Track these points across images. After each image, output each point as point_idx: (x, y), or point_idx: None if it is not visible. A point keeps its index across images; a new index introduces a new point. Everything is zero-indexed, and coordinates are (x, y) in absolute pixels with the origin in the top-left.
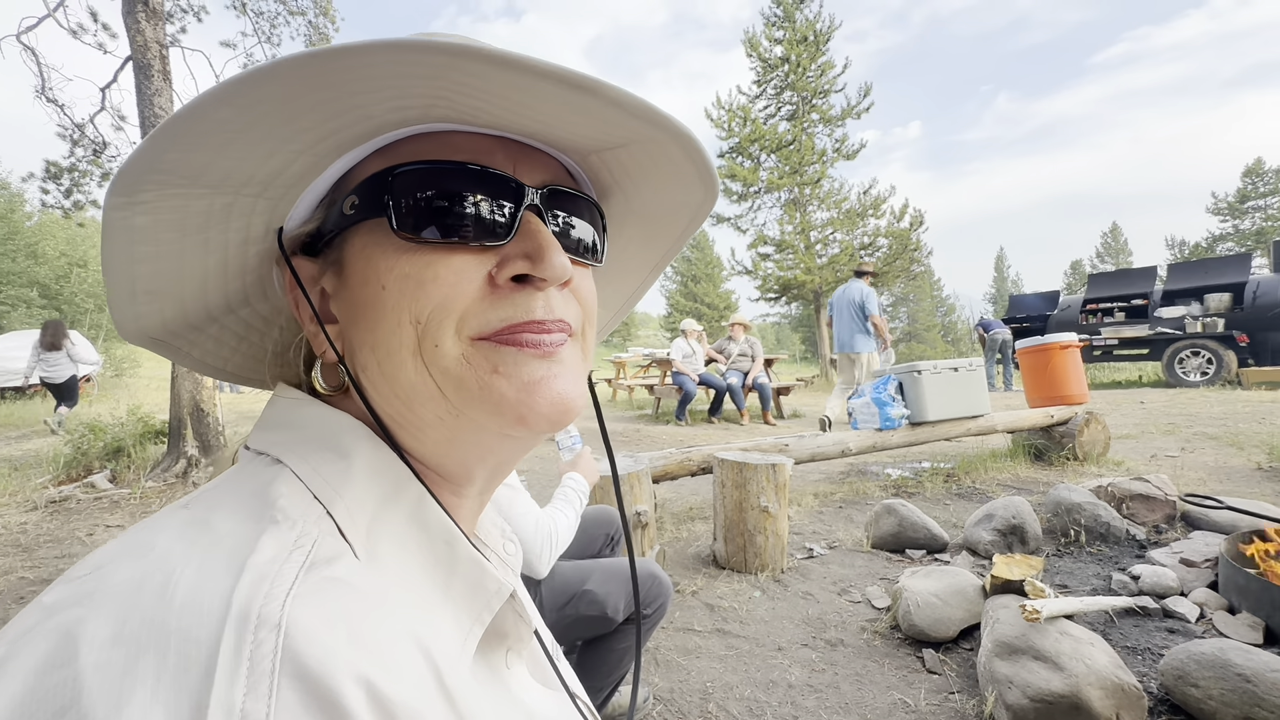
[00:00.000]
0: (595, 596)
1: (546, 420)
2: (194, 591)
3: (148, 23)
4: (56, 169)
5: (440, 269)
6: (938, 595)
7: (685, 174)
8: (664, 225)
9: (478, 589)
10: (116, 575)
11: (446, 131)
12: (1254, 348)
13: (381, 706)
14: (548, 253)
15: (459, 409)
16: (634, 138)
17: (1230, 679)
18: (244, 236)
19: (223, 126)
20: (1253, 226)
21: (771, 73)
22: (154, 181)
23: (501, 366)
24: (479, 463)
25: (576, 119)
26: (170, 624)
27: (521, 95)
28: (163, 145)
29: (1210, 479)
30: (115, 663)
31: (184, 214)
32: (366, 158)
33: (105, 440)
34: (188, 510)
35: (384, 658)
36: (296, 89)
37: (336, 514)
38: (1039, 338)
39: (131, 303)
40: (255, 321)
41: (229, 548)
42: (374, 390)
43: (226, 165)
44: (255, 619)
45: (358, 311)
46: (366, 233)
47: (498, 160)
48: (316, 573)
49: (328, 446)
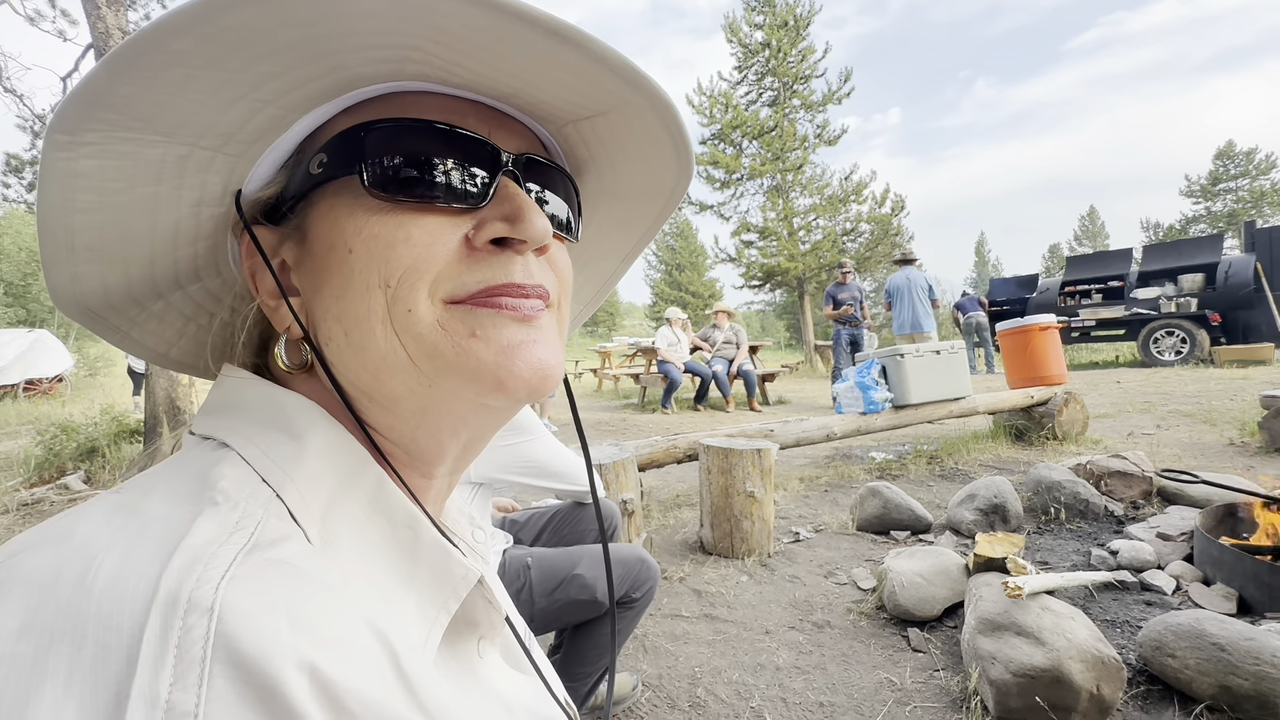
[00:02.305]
0: (585, 581)
1: (526, 385)
2: (116, 577)
3: (109, 9)
4: (18, 162)
5: (412, 229)
6: (922, 575)
7: (662, 147)
8: (639, 207)
9: (443, 575)
10: (30, 562)
11: (417, 92)
12: (1226, 326)
13: (327, 694)
14: (527, 214)
15: (432, 379)
16: (612, 103)
17: (1206, 648)
18: (198, 196)
19: (181, 60)
20: (1224, 208)
21: (752, 58)
22: (102, 120)
23: (479, 330)
24: (452, 437)
25: (555, 75)
26: (88, 612)
27: (501, 45)
28: (113, 76)
29: (1185, 455)
30: (23, 655)
31: (134, 162)
32: (334, 117)
33: (79, 440)
34: (119, 495)
35: (331, 642)
36: (265, 21)
37: (287, 497)
38: (1018, 319)
39: (70, 259)
40: (204, 300)
41: (160, 532)
42: (341, 364)
43: (184, 108)
44: (185, 603)
45: (321, 279)
46: (333, 194)
47: (473, 124)
48: (259, 554)
49: (278, 427)
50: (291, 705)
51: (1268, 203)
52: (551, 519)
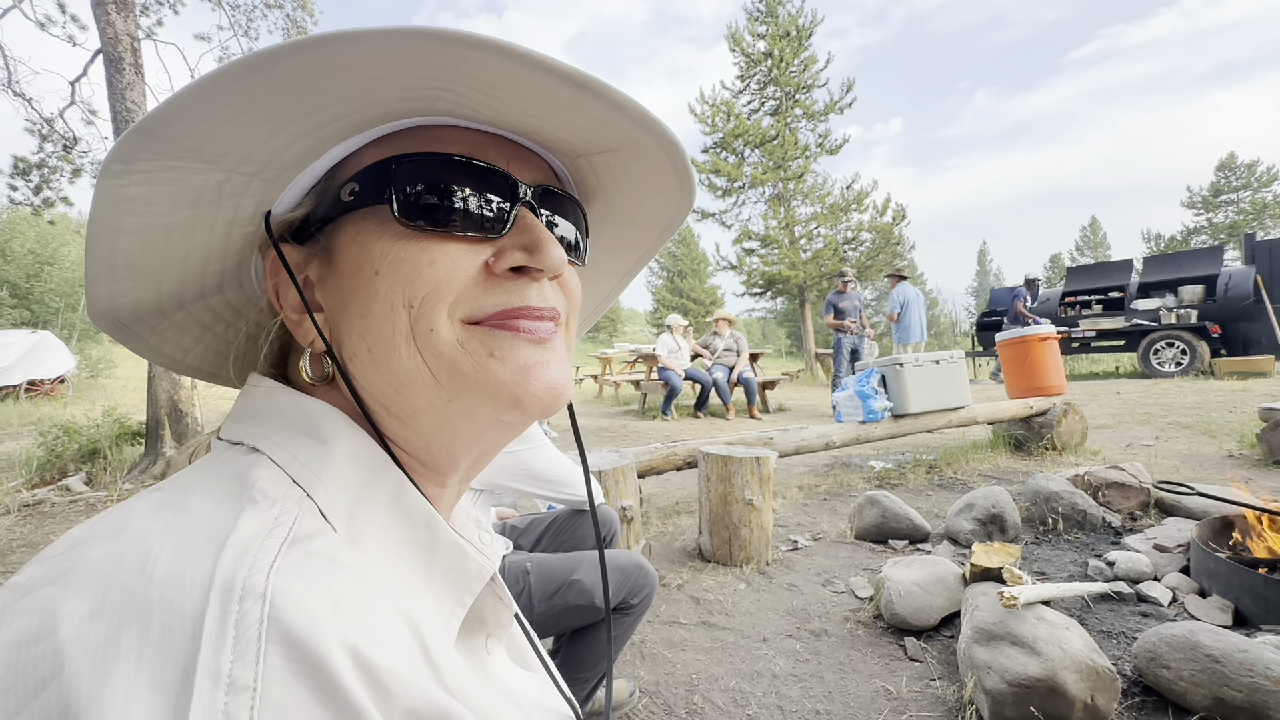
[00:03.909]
0: (584, 586)
1: (540, 403)
2: (175, 566)
3: (118, 15)
4: (25, 164)
5: (436, 254)
6: (919, 584)
7: (667, 180)
8: (640, 231)
9: (459, 572)
10: (92, 553)
11: (442, 126)
12: (1226, 338)
13: (368, 673)
14: (545, 245)
15: (451, 395)
16: (625, 142)
17: (1200, 660)
18: (231, 217)
19: (233, 101)
20: (1226, 220)
21: (755, 68)
22: (153, 150)
23: (497, 350)
24: (465, 450)
25: (576, 119)
26: (152, 597)
27: (529, 91)
28: (169, 117)
29: (1183, 466)
30: (96, 635)
31: (177, 187)
32: (363, 147)
33: (80, 442)
34: (161, 494)
35: (370, 626)
36: (313, 68)
37: (317, 497)
38: (1017, 330)
39: (110, 277)
40: (223, 310)
41: (208, 526)
42: (363, 378)
43: (229, 140)
44: (240, 589)
45: (347, 298)
46: (361, 220)
47: (493, 156)
48: (299, 547)
49: (305, 433)
50: (338, 681)
51: (1269, 215)
52: (551, 525)
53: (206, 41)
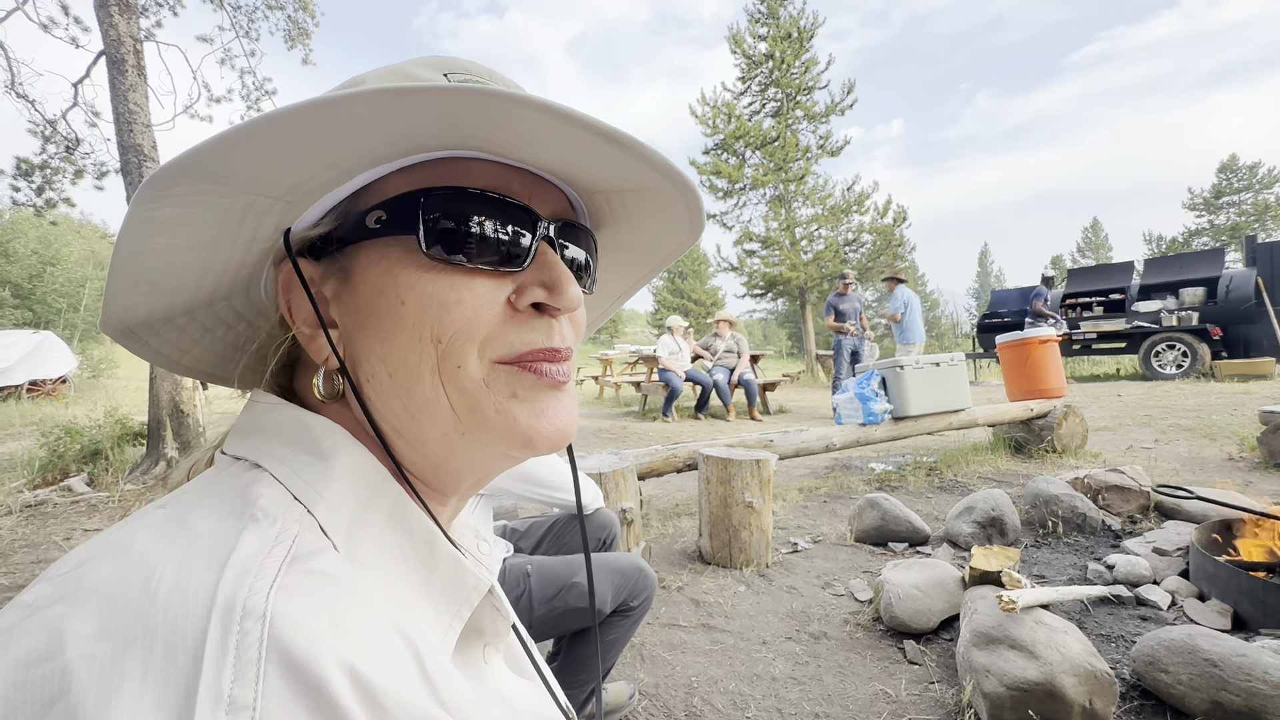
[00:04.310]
0: (584, 589)
1: (549, 443)
2: (178, 586)
3: (121, 17)
4: (28, 166)
5: (464, 292)
6: (918, 587)
7: (678, 217)
8: (643, 257)
9: (457, 585)
10: (98, 572)
11: (470, 159)
12: (1227, 341)
13: (366, 691)
14: (564, 284)
15: (468, 429)
16: (644, 185)
17: (1198, 664)
18: (252, 235)
19: (280, 139)
20: (1227, 221)
21: (756, 69)
22: (188, 176)
23: (520, 391)
24: (469, 475)
25: (601, 165)
26: (156, 617)
27: (563, 142)
28: (224, 150)
29: (1184, 469)
30: (103, 655)
31: (206, 210)
32: (388, 174)
33: (82, 443)
34: (164, 510)
35: (367, 645)
36: (365, 115)
37: (318, 513)
38: (1018, 332)
39: (130, 293)
40: (225, 314)
41: (210, 545)
42: (379, 400)
43: (261, 168)
44: (240, 610)
45: (366, 319)
46: (385, 246)
47: (517, 191)
48: (298, 566)
49: (307, 450)
50: (335, 701)
51: (1271, 216)
52: (551, 528)
53: (208, 43)
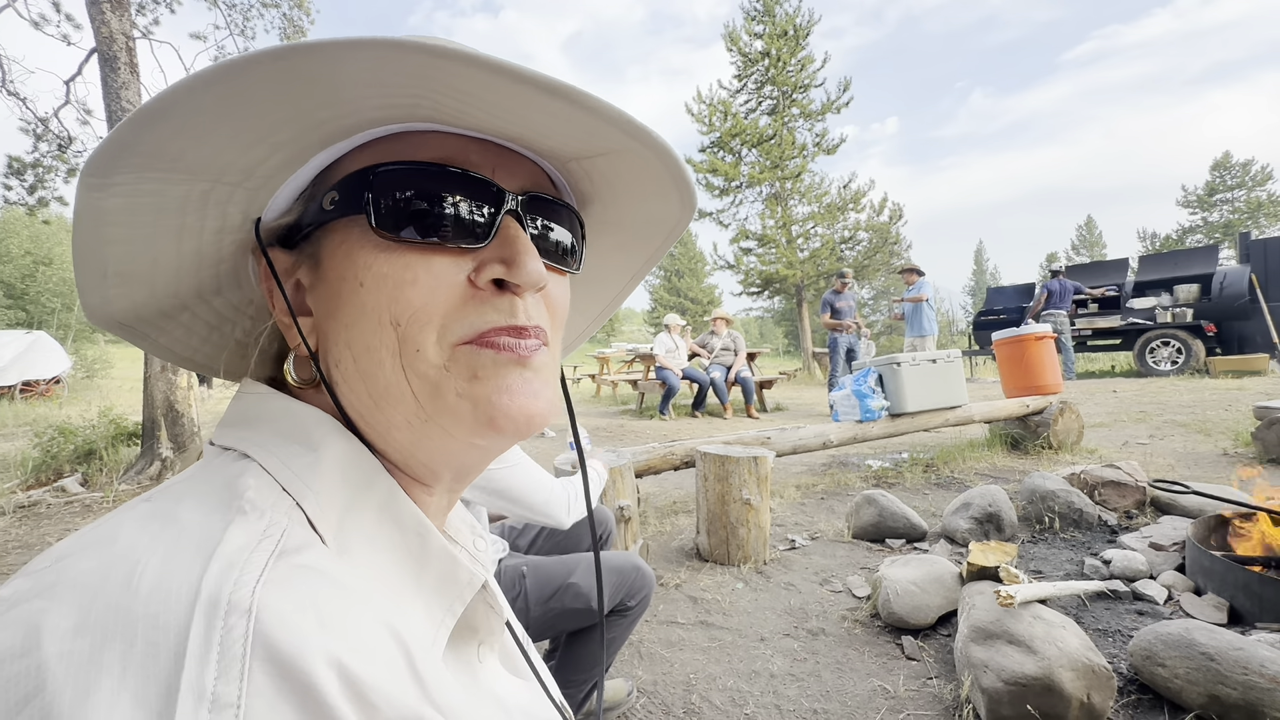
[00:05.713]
0: (580, 589)
1: (515, 426)
2: (161, 579)
3: (113, 14)
4: (19, 164)
5: (419, 271)
6: (916, 583)
7: (663, 186)
8: (641, 236)
9: (449, 580)
10: (79, 566)
11: (425, 132)
12: (1221, 337)
13: (353, 688)
14: (523, 258)
15: (430, 415)
16: (612, 147)
17: (1195, 658)
18: (220, 225)
19: (204, 112)
20: (1221, 219)
21: (752, 67)
22: (130, 165)
23: (480, 371)
24: (444, 466)
25: (555, 124)
26: (136, 611)
27: (499, 98)
28: (140, 127)
29: (1179, 465)
30: (80, 651)
31: (160, 199)
32: (349, 153)
33: (76, 443)
34: (150, 504)
35: (355, 641)
36: (280, 79)
37: (306, 506)
38: (1014, 329)
39: (101, 284)
40: (227, 311)
41: (196, 538)
42: (346, 386)
43: (206, 152)
44: (225, 604)
45: (334, 306)
46: (344, 229)
47: (477, 163)
48: (286, 560)
49: (296, 440)
50: (323, 699)
51: (1264, 214)
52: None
53: (202, 41)
